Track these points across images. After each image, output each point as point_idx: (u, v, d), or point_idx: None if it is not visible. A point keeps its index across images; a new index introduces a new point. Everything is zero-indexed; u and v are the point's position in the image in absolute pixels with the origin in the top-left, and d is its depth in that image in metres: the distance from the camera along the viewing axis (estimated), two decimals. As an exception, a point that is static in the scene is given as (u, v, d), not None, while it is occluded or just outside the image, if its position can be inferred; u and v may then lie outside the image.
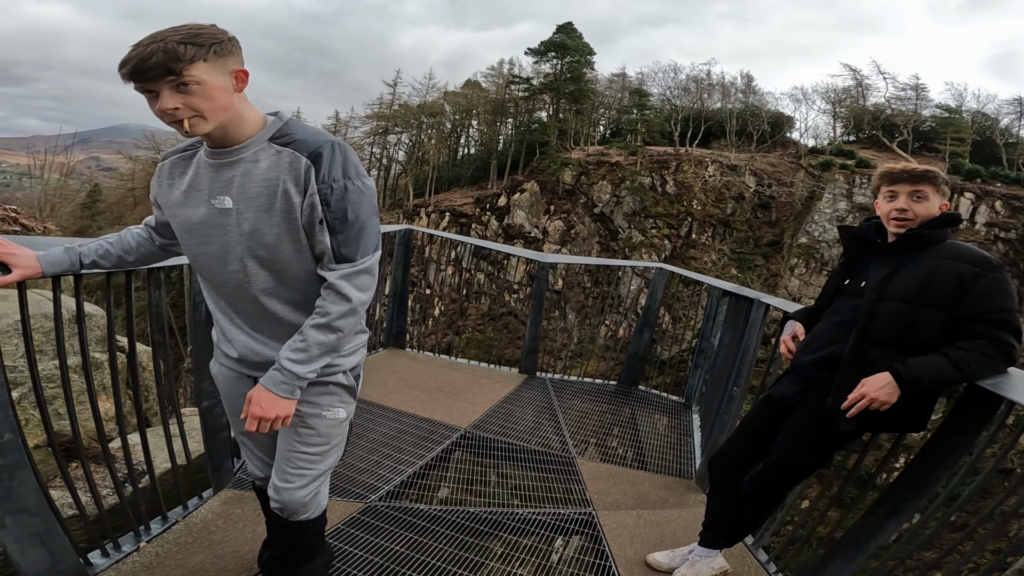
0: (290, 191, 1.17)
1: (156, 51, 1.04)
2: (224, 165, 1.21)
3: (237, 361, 1.39)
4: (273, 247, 1.22)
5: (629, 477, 3.17)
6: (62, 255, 1.35)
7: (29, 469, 1.45)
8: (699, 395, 4.23)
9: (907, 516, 1.75)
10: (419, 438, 3.23)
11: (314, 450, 1.38)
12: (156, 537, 1.99)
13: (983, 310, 1.58)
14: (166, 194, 1.31)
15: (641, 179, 30.31)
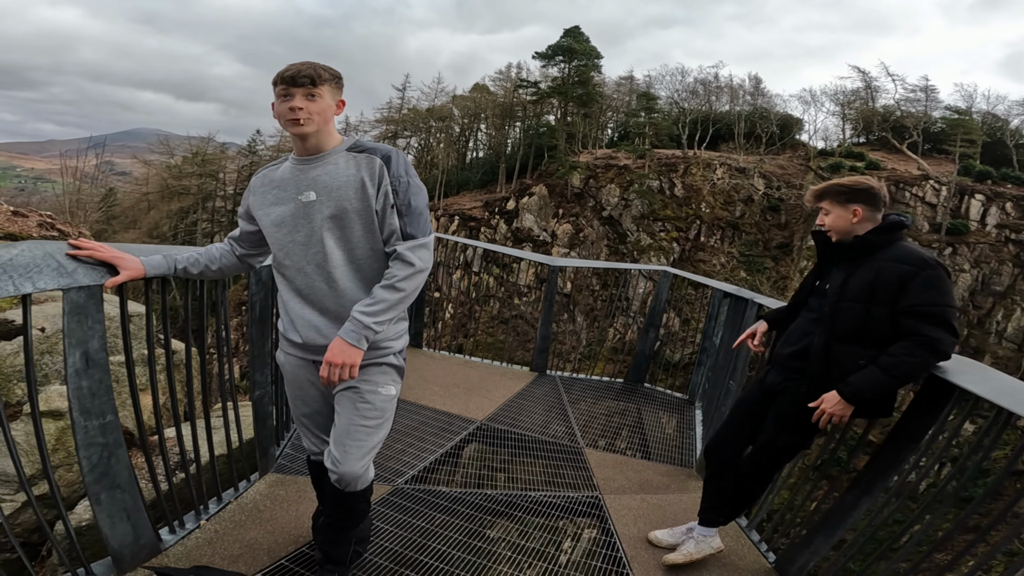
0: (366, 183, 1.53)
1: (308, 69, 1.48)
2: (310, 167, 1.57)
3: (301, 347, 1.65)
4: (348, 228, 1.55)
5: (634, 466, 3.42)
6: (161, 261, 1.64)
7: (124, 448, 1.66)
8: (702, 391, 4.45)
9: (877, 494, 1.98)
10: (439, 429, 3.49)
11: (371, 423, 1.63)
12: (214, 516, 2.22)
13: (913, 304, 1.80)
14: (260, 199, 1.63)
15: (649, 182, 30.45)
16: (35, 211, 7.32)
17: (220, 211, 42.92)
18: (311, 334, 1.62)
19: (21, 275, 1.24)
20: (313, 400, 1.76)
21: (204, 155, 43.78)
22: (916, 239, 26.95)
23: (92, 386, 1.49)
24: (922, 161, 30.41)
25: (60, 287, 1.35)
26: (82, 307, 1.42)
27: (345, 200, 1.53)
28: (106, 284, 1.51)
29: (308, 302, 1.61)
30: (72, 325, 1.41)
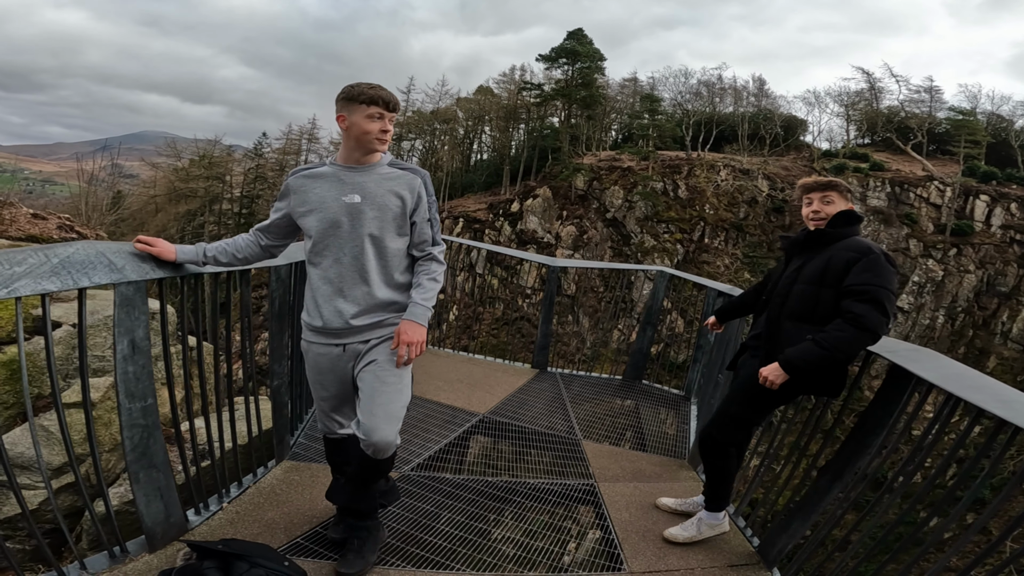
0: (405, 197, 1.84)
1: (395, 97, 1.80)
2: (357, 174, 1.83)
3: (321, 331, 1.88)
4: (383, 230, 1.83)
5: (628, 456, 3.58)
6: (191, 249, 1.85)
7: (160, 431, 1.83)
8: (697, 387, 4.61)
9: (847, 479, 2.14)
10: (443, 421, 3.66)
11: (394, 386, 1.84)
12: (235, 499, 2.39)
13: (850, 283, 2.04)
14: (302, 197, 1.85)
15: (653, 184, 30.58)
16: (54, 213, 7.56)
17: (227, 213, 43.29)
18: (333, 318, 1.85)
19: (78, 271, 1.42)
20: (331, 384, 1.96)
21: (211, 158, 44.15)
22: (921, 240, 26.94)
23: (136, 371, 1.66)
24: (926, 162, 30.40)
25: (112, 282, 1.52)
26: (130, 299, 1.59)
27: (386, 207, 1.82)
28: (135, 247, 1.71)
29: (336, 289, 1.85)
30: (121, 315, 1.58)
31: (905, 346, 2.24)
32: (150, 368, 1.74)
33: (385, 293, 1.87)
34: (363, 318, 1.85)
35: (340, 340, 1.88)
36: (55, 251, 1.43)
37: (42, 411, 2.98)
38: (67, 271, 1.42)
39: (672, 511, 2.81)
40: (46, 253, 1.40)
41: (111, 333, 3.14)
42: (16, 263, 1.34)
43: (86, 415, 1.59)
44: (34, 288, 1.35)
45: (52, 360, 1.40)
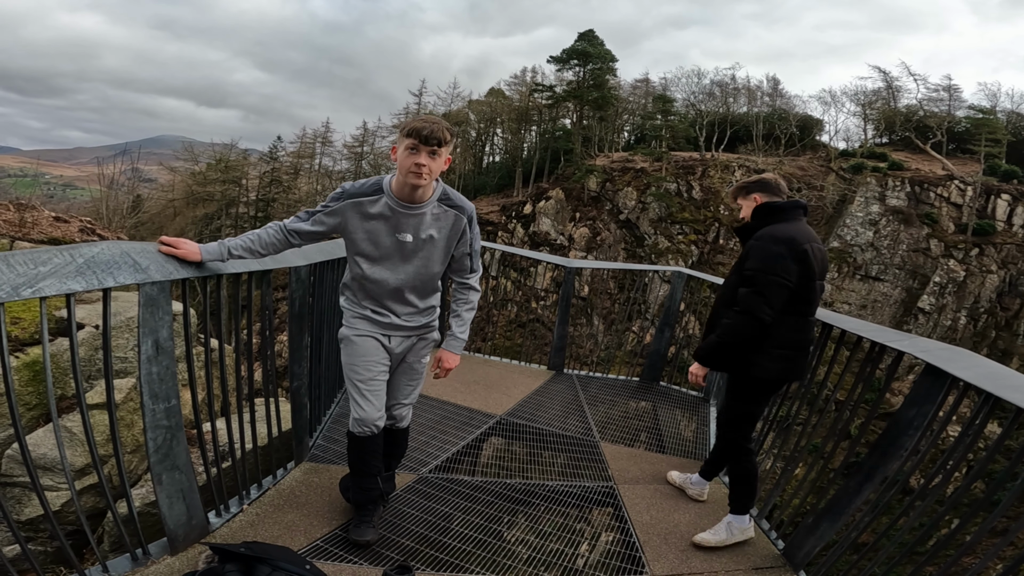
0: (451, 237, 2.05)
1: (438, 131, 1.81)
2: (409, 214, 1.96)
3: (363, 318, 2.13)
4: (429, 266, 2.07)
5: (647, 458, 3.53)
6: (215, 247, 1.86)
7: (184, 432, 1.82)
8: (716, 389, 4.56)
9: (878, 480, 2.08)
10: (461, 423, 3.65)
11: (416, 383, 2.32)
12: (255, 500, 2.40)
13: (743, 271, 2.31)
14: (357, 224, 1.98)
15: (667, 185, 30.36)
16: (76, 217, 7.69)
17: (243, 217, 43.82)
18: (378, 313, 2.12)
19: (103, 271, 1.43)
20: (373, 365, 2.16)
21: (227, 162, 44.75)
22: (942, 240, 26.41)
23: (160, 372, 1.66)
24: (946, 161, 29.81)
25: (136, 282, 1.53)
26: (154, 299, 1.60)
27: (433, 247, 2.03)
28: (160, 249, 1.72)
29: (382, 294, 2.10)
30: (145, 316, 1.59)
31: (938, 345, 2.18)
32: (173, 369, 1.74)
33: (424, 302, 2.17)
34: (411, 320, 2.16)
35: (386, 331, 2.14)
36: (80, 251, 1.44)
37: (65, 412, 3.01)
38: (92, 271, 1.42)
39: (679, 484, 3.08)
40: (71, 253, 1.40)
41: (133, 334, 3.18)
42: (41, 263, 1.35)
43: (110, 416, 1.59)
44: (59, 288, 1.35)
45: (77, 361, 1.40)
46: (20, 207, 7.25)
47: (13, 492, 2.74)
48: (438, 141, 1.80)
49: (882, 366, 2.39)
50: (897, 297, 26.22)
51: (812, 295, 2.31)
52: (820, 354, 2.73)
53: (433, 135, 1.79)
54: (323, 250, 2.67)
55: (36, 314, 3.17)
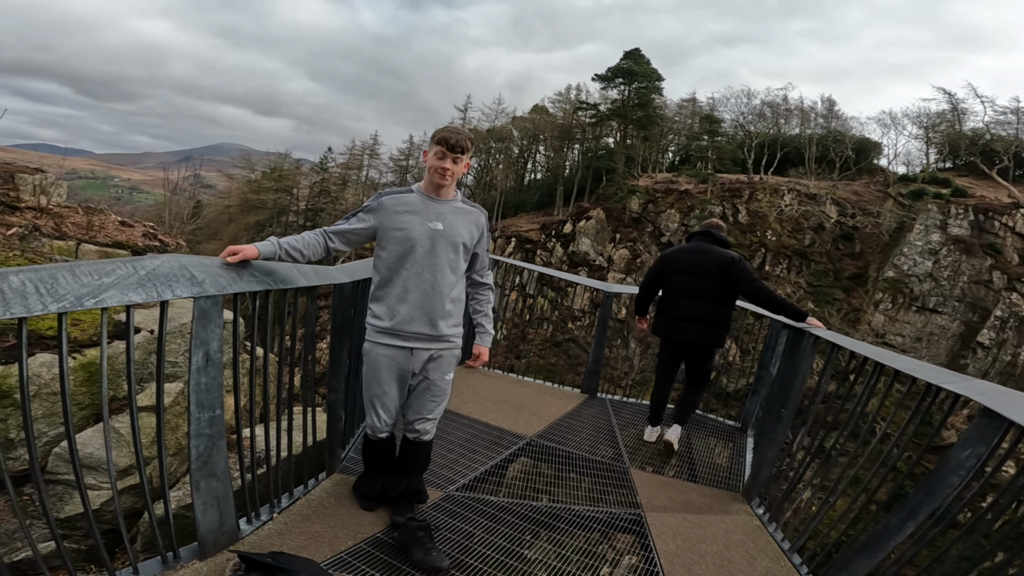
0: (473, 229, 2.29)
1: (463, 140, 2.17)
2: (439, 204, 2.23)
3: (390, 332, 2.23)
4: (456, 253, 2.25)
5: (678, 487, 3.45)
6: (270, 245, 2.01)
7: (224, 441, 1.88)
8: (755, 420, 4.42)
9: (922, 517, 1.99)
10: (490, 442, 3.65)
11: (440, 399, 2.40)
12: (284, 509, 2.42)
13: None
14: (392, 217, 2.20)
15: (712, 208, 29.75)
16: (139, 221, 8.19)
17: (292, 225, 45.53)
18: (404, 323, 2.21)
19: (162, 283, 1.52)
20: (389, 383, 2.29)
21: (280, 171, 46.68)
22: (1005, 272, 24.79)
23: (208, 382, 1.73)
24: (1013, 188, 28.04)
25: (192, 295, 1.61)
26: (207, 312, 1.67)
27: (461, 235, 2.23)
28: (228, 260, 1.85)
29: (410, 298, 2.20)
30: (198, 328, 1.66)
31: (996, 388, 2.07)
32: (220, 380, 1.80)
33: (449, 306, 2.27)
34: (432, 328, 2.23)
35: (408, 344, 2.23)
36: (142, 263, 1.53)
37: (114, 413, 3.16)
38: (152, 283, 1.50)
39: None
40: (134, 265, 1.50)
41: (184, 340, 3.34)
42: (104, 274, 1.44)
43: (158, 421, 1.67)
44: (120, 299, 1.43)
45: (132, 369, 1.49)
46: (88, 211, 7.78)
47: (55, 490, 2.87)
48: (462, 149, 2.15)
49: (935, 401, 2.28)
50: (955, 330, 24.68)
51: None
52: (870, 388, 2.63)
53: (458, 144, 2.14)
54: (366, 267, 2.75)
55: (95, 317, 3.36)
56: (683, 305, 3.72)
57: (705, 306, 3.67)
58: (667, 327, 3.81)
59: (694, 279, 3.68)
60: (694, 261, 3.70)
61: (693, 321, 3.69)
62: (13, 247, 5.21)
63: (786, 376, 3.45)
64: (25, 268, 1.34)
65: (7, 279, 1.29)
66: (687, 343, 3.79)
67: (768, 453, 3.20)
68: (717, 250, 3.69)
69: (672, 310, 3.77)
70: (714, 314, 3.67)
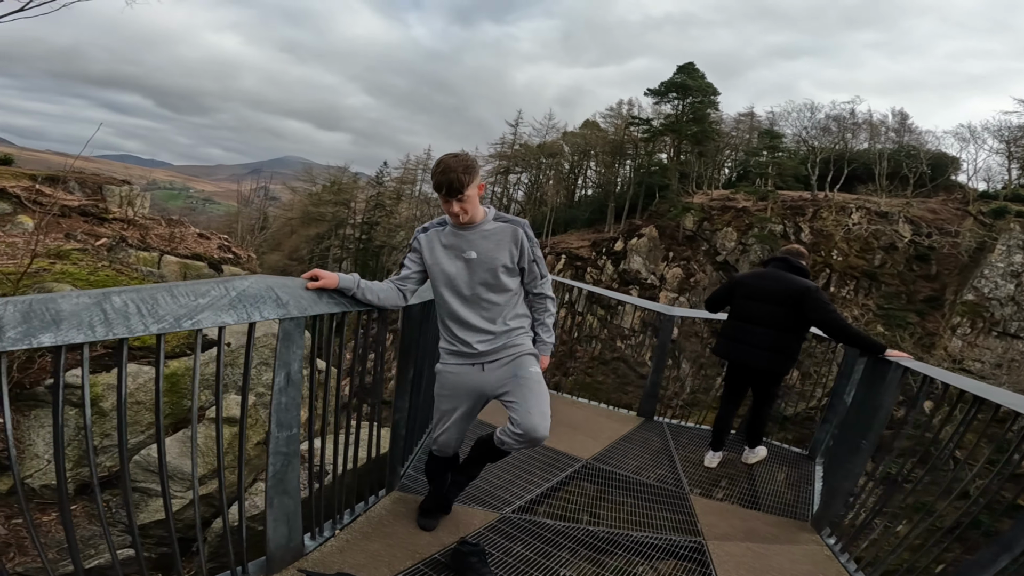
0: (511, 247, 2.20)
1: (456, 183, 2.01)
2: (469, 233, 2.18)
3: (453, 353, 2.28)
4: (496, 275, 2.19)
5: (740, 514, 3.32)
6: (350, 280, 2.10)
7: (299, 459, 1.90)
8: (825, 448, 4.25)
9: (1018, 550, 1.85)
10: (545, 464, 3.60)
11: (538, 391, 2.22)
12: (346, 526, 2.42)
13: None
14: (431, 254, 2.22)
15: (772, 226, 28.61)
16: (215, 234, 8.72)
17: (349, 238, 47.23)
18: (466, 346, 2.24)
19: (251, 305, 1.58)
20: (464, 399, 2.30)
21: (339, 184, 48.58)
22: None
23: (287, 402, 1.77)
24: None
25: (277, 317, 1.66)
26: (290, 334, 1.72)
27: (496, 258, 2.18)
28: (308, 285, 1.92)
29: (465, 324, 2.23)
30: (282, 349, 1.71)
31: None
32: (299, 399, 1.83)
33: (503, 327, 2.25)
34: (489, 344, 2.23)
35: (476, 360, 2.25)
36: (233, 284, 1.59)
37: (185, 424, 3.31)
38: (243, 305, 1.56)
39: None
40: (225, 286, 1.56)
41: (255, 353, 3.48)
42: (200, 294, 1.50)
43: (240, 434, 1.73)
44: (214, 321, 1.48)
45: (220, 386, 1.55)
46: (171, 222, 8.36)
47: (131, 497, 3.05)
48: (460, 188, 2.03)
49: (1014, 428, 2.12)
50: (1040, 358, 22.54)
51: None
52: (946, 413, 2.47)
53: (452, 187, 2.02)
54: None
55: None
56: (747, 330, 3.70)
57: (770, 333, 3.62)
58: (729, 349, 3.80)
59: (762, 305, 3.66)
60: (764, 287, 3.69)
61: (756, 346, 3.67)
62: (102, 258, 5.66)
63: (865, 406, 3.28)
64: (127, 288, 1.41)
65: (109, 299, 1.34)
66: (749, 367, 3.76)
67: (844, 483, 3.06)
68: (791, 278, 3.64)
69: (735, 333, 3.77)
70: (779, 341, 3.62)
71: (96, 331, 1.28)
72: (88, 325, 1.28)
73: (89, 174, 8.69)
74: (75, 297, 1.30)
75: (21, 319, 1.20)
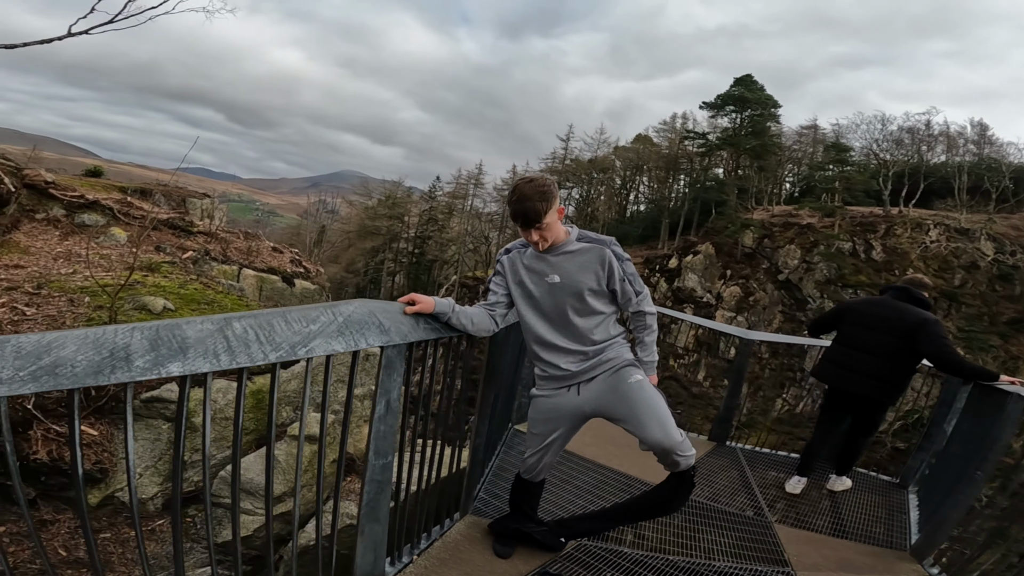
0: (597, 269, 2.09)
1: (531, 213, 1.92)
2: (551, 257, 2.10)
3: (547, 379, 2.22)
4: (582, 300, 2.11)
5: (830, 544, 3.13)
6: (446, 305, 1.99)
7: (391, 486, 1.86)
8: (920, 477, 4.07)
9: None
10: (618, 489, 3.50)
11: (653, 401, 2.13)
12: (423, 551, 2.35)
13: None
14: (515, 277, 2.17)
15: (840, 244, 27.16)
16: (287, 248, 9.12)
17: (403, 252, 48.40)
18: (557, 369, 2.18)
19: (357, 331, 1.55)
20: (559, 422, 2.24)
21: (394, 198, 49.93)
22: None
23: (385, 430, 1.75)
24: None
25: (381, 344, 1.64)
26: (393, 362, 1.71)
27: (581, 281, 2.09)
28: (406, 310, 1.85)
29: (549, 346, 2.18)
30: (384, 377, 1.68)
31: None
32: (396, 427, 1.81)
33: (592, 344, 2.17)
34: (581, 364, 2.16)
35: (571, 383, 2.19)
36: (340, 310, 1.56)
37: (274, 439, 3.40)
38: (350, 331, 1.54)
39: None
40: (333, 311, 1.54)
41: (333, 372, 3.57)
42: (311, 320, 1.47)
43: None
44: (325, 348, 1.45)
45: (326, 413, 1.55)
46: (248, 236, 8.80)
47: (215, 513, 3.09)
48: (537, 219, 1.94)
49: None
50: None
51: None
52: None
53: (528, 217, 1.93)
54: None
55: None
56: (856, 357, 3.60)
57: (880, 361, 3.51)
58: (835, 375, 3.69)
59: (873, 333, 3.55)
60: (877, 315, 3.58)
61: (863, 374, 3.56)
62: (189, 271, 6.00)
63: (973, 436, 3.14)
64: (245, 314, 1.38)
65: (231, 325, 1.30)
66: (854, 394, 3.63)
67: (951, 513, 2.91)
68: (908, 308, 3.53)
69: (843, 359, 3.67)
70: (888, 370, 3.50)
71: (221, 360, 1.25)
72: (213, 353, 1.25)
73: (173, 187, 9.28)
74: (199, 323, 1.27)
75: (149, 347, 1.16)
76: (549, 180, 2.00)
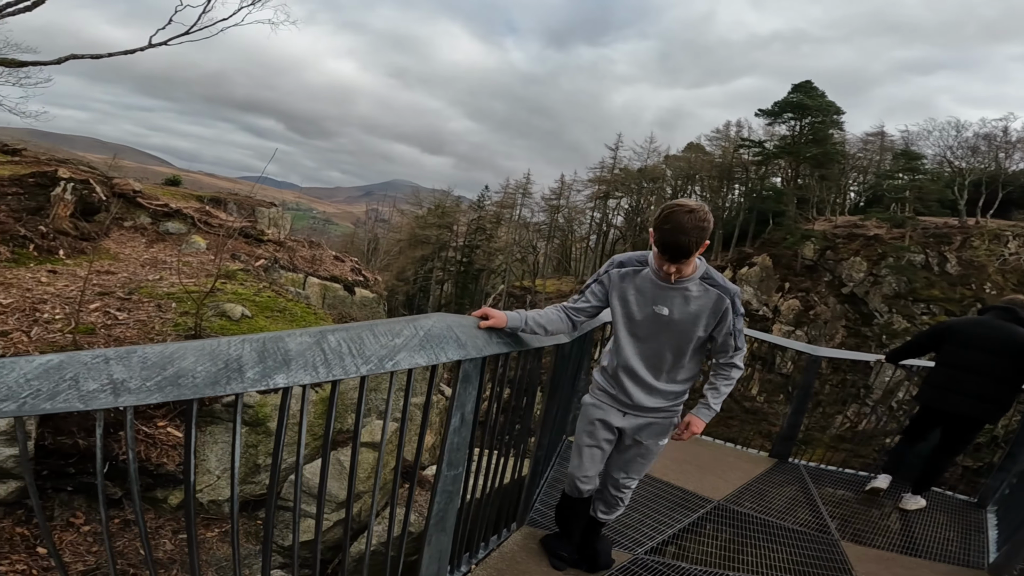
0: (710, 317, 2.00)
1: (685, 245, 1.79)
2: (668, 290, 2.00)
3: (605, 392, 2.24)
4: (681, 344, 2.06)
5: (903, 563, 3.04)
6: (517, 318, 1.96)
7: (460, 496, 1.85)
8: (1000, 496, 3.94)
9: None
10: (674, 503, 3.48)
11: (648, 460, 2.32)
12: (481, 561, 2.37)
13: None
14: (620, 294, 2.09)
15: (911, 256, 25.58)
16: (348, 257, 9.49)
17: (451, 261, 49.13)
18: (620, 391, 2.19)
19: (436, 345, 1.61)
20: (597, 434, 2.27)
21: (443, 207, 50.79)
22: None
23: (459, 442, 1.78)
24: None
25: (459, 358, 1.67)
26: (469, 375, 1.72)
27: (689, 324, 2.02)
28: (480, 324, 1.83)
29: (629, 372, 2.15)
30: (460, 391, 1.70)
31: None
32: (469, 440, 1.82)
33: (670, 387, 2.15)
34: (649, 401, 2.15)
35: (622, 408, 2.21)
36: (420, 324, 1.61)
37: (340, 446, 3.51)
38: (430, 345, 1.58)
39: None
40: (414, 325, 1.58)
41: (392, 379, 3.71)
42: (395, 334, 1.51)
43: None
44: (409, 362, 1.47)
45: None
46: (312, 245, 9.24)
47: (283, 516, 3.25)
48: (686, 256, 1.83)
49: None
50: None
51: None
52: None
53: (679, 251, 1.81)
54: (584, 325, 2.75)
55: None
56: (959, 379, 3.56)
57: (984, 382, 3.48)
58: (936, 398, 3.65)
59: (978, 354, 3.52)
60: (982, 335, 3.55)
61: (967, 395, 3.53)
62: (261, 278, 6.37)
63: None
64: (339, 327, 1.42)
65: (326, 338, 1.34)
66: (956, 415, 3.60)
67: None
68: (1015, 328, 3.49)
69: (945, 381, 3.62)
70: (993, 391, 3.48)
71: (319, 372, 1.28)
72: (312, 366, 1.28)
73: (244, 196, 9.84)
74: (299, 336, 1.32)
75: (258, 359, 1.19)
76: (708, 213, 1.84)
